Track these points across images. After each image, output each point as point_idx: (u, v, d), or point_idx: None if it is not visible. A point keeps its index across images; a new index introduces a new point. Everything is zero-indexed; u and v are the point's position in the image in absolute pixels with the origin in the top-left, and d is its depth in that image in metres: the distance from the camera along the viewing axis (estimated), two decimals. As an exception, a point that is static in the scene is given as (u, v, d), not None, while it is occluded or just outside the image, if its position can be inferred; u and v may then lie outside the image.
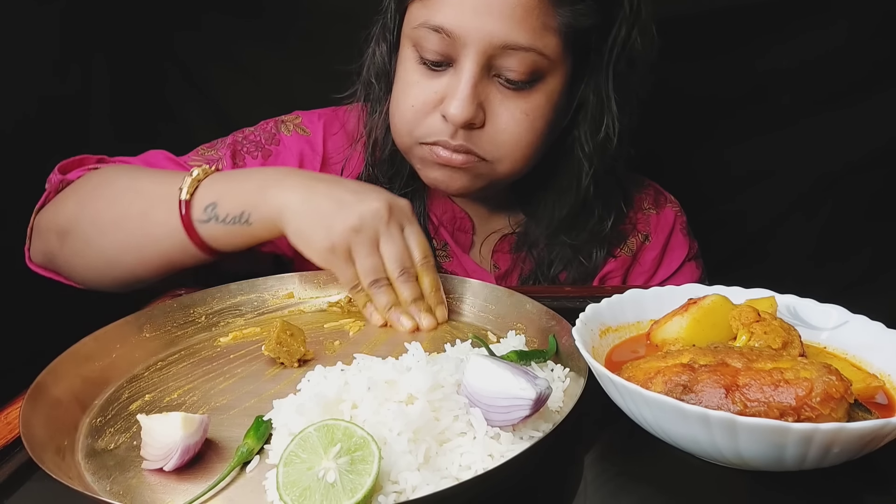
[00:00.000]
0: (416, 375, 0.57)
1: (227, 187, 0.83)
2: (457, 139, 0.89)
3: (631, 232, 1.10)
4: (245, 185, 0.83)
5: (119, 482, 0.55)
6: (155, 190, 0.86)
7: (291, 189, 0.81)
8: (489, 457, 0.53)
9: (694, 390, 0.55)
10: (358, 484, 0.48)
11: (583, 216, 1.02)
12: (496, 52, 0.84)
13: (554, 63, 0.88)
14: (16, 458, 0.59)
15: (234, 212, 0.82)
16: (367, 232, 0.78)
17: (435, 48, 0.87)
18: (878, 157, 1.43)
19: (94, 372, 0.68)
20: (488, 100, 0.88)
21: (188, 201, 0.83)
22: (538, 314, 0.76)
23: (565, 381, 0.64)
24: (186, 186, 0.83)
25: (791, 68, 1.37)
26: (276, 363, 0.72)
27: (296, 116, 1.09)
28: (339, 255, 0.78)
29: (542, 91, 0.89)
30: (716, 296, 0.69)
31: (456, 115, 0.86)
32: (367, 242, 0.78)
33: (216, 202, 0.82)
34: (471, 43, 0.84)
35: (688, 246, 1.14)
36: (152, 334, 0.76)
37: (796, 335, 0.63)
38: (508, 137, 0.90)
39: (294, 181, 0.82)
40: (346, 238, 0.77)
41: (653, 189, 1.16)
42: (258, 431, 0.58)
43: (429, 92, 0.89)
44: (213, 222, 0.83)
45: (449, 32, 0.84)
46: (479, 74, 0.86)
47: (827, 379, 0.52)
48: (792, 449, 0.50)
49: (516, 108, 0.89)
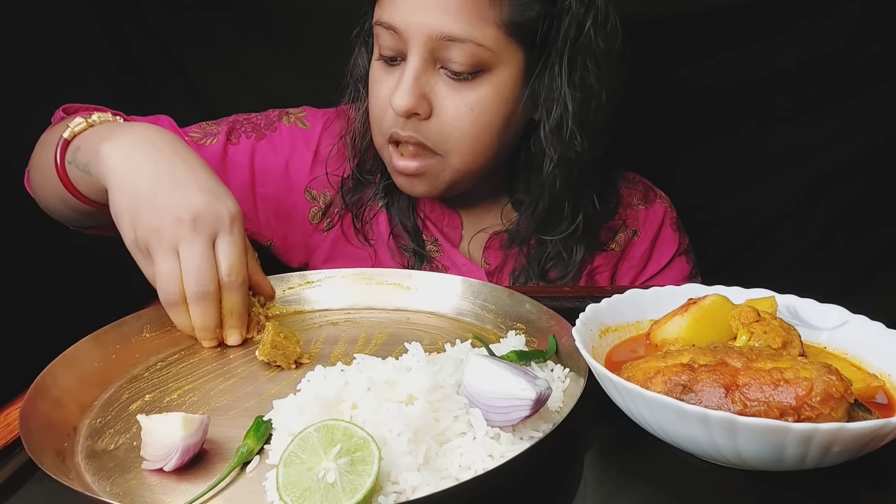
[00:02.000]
0: (416, 376, 0.57)
1: (95, 132, 0.83)
2: (406, 130, 0.92)
3: (620, 227, 1.10)
4: (101, 133, 0.80)
5: (119, 483, 0.55)
6: (56, 128, 0.88)
7: (122, 149, 0.75)
8: (489, 457, 0.53)
9: (694, 390, 0.55)
10: (358, 484, 0.48)
11: (555, 213, 1.02)
12: (437, 44, 0.88)
13: (498, 55, 0.89)
14: (15, 458, 0.59)
15: (84, 158, 0.81)
16: (166, 236, 0.71)
17: (388, 45, 0.91)
18: (878, 156, 1.43)
19: (93, 372, 0.68)
20: (433, 91, 0.91)
21: (68, 141, 0.84)
22: (538, 314, 0.76)
23: (565, 381, 0.64)
24: (73, 126, 0.84)
25: (790, 67, 1.37)
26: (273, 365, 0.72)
27: (301, 110, 1.11)
28: (141, 253, 0.73)
29: (487, 83, 0.91)
30: (716, 296, 0.69)
31: (397, 105, 0.89)
32: (164, 247, 0.71)
33: (80, 146, 0.83)
34: (412, 37, 0.88)
35: (677, 241, 1.14)
36: (152, 334, 0.76)
37: (796, 335, 0.63)
38: (453, 130, 0.92)
39: (130, 139, 0.76)
40: (146, 237, 0.71)
41: (642, 185, 1.16)
42: (258, 432, 0.58)
43: (385, 88, 0.94)
44: (73, 165, 0.83)
45: (396, 28, 0.89)
46: (423, 66, 0.89)
47: (827, 379, 0.52)
48: (792, 449, 0.50)
49: (461, 101, 0.91)
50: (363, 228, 1.08)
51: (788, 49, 1.35)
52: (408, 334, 0.78)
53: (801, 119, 1.41)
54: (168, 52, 1.47)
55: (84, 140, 0.83)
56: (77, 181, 0.84)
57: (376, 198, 1.08)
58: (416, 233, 1.08)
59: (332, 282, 0.87)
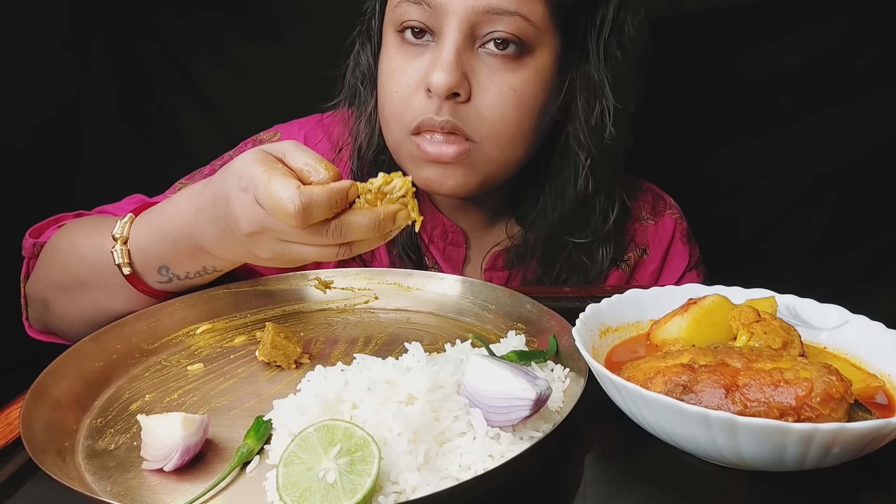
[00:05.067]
0: (416, 376, 0.57)
1: (164, 248, 0.76)
2: (442, 114, 0.85)
3: (629, 245, 1.08)
4: (182, 247, 0.75)
5: (119, 483, 0.55)
6: (92, 254, 0.80)
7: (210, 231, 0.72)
8: (489, 457, 0.54)
9: (694, 390, 0.55)
10: (358, 484, 0.48)
11: (585, 212, 0.99)
12: (479, 17, 0.83)
13: (541, 34, 0.86)
14: (16, 458, 0.59)
15: (193, 268, 0.78)
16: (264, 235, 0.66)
17: (418, 19, 0.85)
18: (878, 156, 1.43)
19: (94, 372, 0.68)
20: (474, 72, 0.85)
21: (132, 272, 0.77)
22: (538, 314, 0.76)
23: (565, 381, 0.64)
24: (120, 258, 0.76)
25: (789, 68, 1.37)
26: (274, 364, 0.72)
27: (274, 133, 1.05)
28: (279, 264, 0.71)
29: (530, 66, 0.87)
30: (716, 296, 0.69)
31: (439, 84, 0.82)
32: (270, 239, 0.67)
33: (167, 266, 0.77)
34: (453, 10, 0.83)
35: (688, 255, 1.11)
36: (152, 335, 0.76)
37: (796, 335, 0.64)
38: (495, 112, 0.86)
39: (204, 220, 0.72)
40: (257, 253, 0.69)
41: (650, 194, 1.13)
42: (258, 432, 0.58)
43: (411, 73, 0.87)
44: (176, 280, 0.79)
45: (429, 2, 0.83)
46: (463, 43, 0.84)
47: (827, 379, 0.52)
48: (792, 449, 0.50)
49: (504, 83, 0.86)
50: (361, 256, 0.98)
51: (789, 51, 1.35)
52: (408, 334, 0.78)
53: (802, 120, 1.41)
54: (173, 55, 1.48)
55: (157, 258, 0.77)
56: (179, 286, 0.79)
57: None
58: (419, 257, 1.03)
59: (333, 282, 0.87)
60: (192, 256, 0.76)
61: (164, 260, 0.77)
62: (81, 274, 0.81)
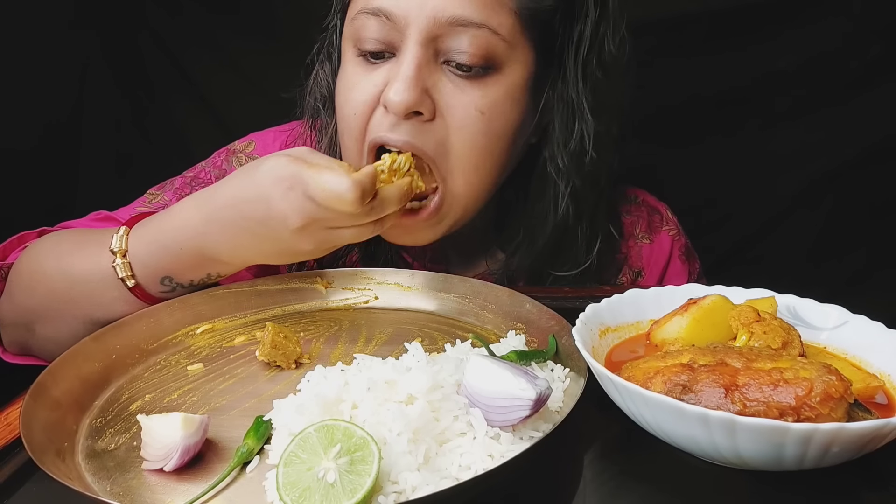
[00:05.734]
0: (415, 376, 0.57)
1: (167, 260, 0.75)
2: (399, 133, 0.78)
3: (622, 267, 1.01)
4: (186, 258, 0.75)
5: (119, 483, 0.55)
6: (82, 271, 0.78)
7: (227, 238, 0.73)
8: (489, 457, 0.54)
9: (693, 390, 0.55)
10: (358, 484, 0.48)
11: (566, 243, 0.92)
12: (442, 30, 0.76)
13: (512, 48, 0.79)
14: (16, 458, 0.59)
15: (198, 277, 0.77)
16: (310, 246, 0.71)
17: (375, 35, 0.78)
18: (877, 155, 1.43)
19: (94, 373, 0.68)
20: (437, 88, 0.78)
21: (137, 284, 0.76)
22: (538, 314, 0.76)
23: (565, 381, 0.64)
24: (123, 272, 0.75)
25: (788, 68, 1.37)
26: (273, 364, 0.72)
27: (248, 143, 1.01)
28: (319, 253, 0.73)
29: (500, 83, 0.80)
30: (716, 296, 0.69)
31: (396, 100, 0.76)
32: (327, 247, 0.71)
33: (170, 276, 0.76)
34: (413, 21, 0.76)
35: (686, 273, 1.05)
36: (152, 335, 0.76)
37: (796, 335, 0.63)
38: (460, 138, 0.79)
39: (219, 228, 0.73)
40: (322, 249, 0.72)
41: (645, 209, 1.06)
42: (258, 432, 0.58)
43: (369, 87, 0.80)
44: (180, 288, 0.78)
45: (388, 14, 0.77)
46: (424, 56, 0.77)
47: (826, 379, 0.52)
48: (791, 449, 0.50)
49: (470, 104, 0.79)
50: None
51: (787, 51, 1.35)
52: (408, 334, 0.78)
53: (801, 120, 1.41)
54: (169, 52, 1.48)
55: (159, 269, 0.76)
56: (183, 292, 0.79)
57: (351, 250, 0.95)
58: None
59: (333, 282, 0.87)
60: (197, 266, 0.76)
61: (168, 271, 0.76)
62: (74, 293, 0.78)
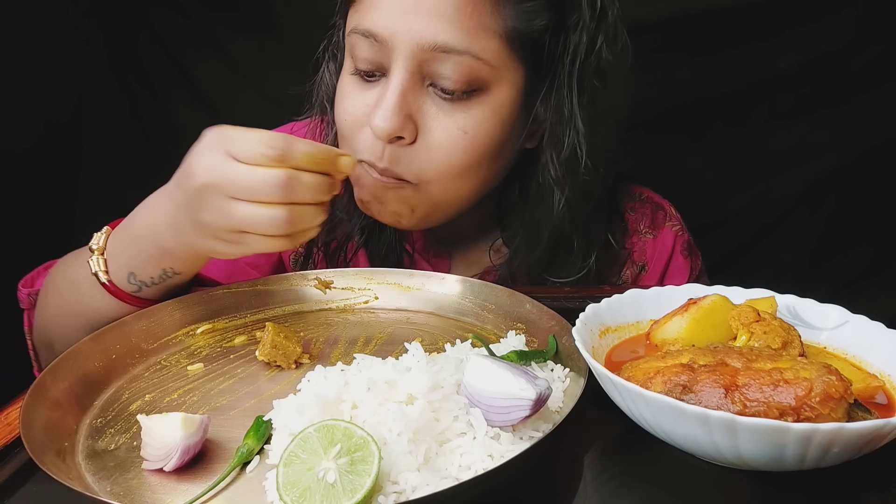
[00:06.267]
0: (415, 376, 0.57)
1: (131, 253, 0.77)
2: (383, 160, 0.81)
3: (626, 260, 1.03)
4: (144, 248, 0.76)
5: (119, 483, 0.55)
6: (79, 276, 0.80)
7: (168, 217, 0.73)
8: (489, 457, 0.53)
9: (693, 390, 0.55)
10: (358, 484, 0.48)
11: (562, 250, 0.93)
12: (427, 56, 0.77)
13: (498, 71, 0.80)
14: (16, 458, 0.59)
15: (156, 273, 0.77)
16: (220, 220, 0.67)
17: (366, 56, 0.81)
18: (877, 156, 1.43)
19: (94, 372, 0.68)
20: (421, 112, 0.80)
21: (110, 280, 0.77)
22: (538, 314, 0.76)
23: (565, 381, 0.64)
24: (97, 267, 0.77)
25: (790, 69, 1.37)
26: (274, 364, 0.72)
27: None
28: (230, 241, 0.70)
29: (484, 104, 0.81)
30: (716, 296, 0.69)
31: (379, 127, 0.78)
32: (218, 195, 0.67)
33: (133, 272, 0.77)
34: (399, 46, 0.77)
35: (688, 269, 1.06)
36: (152, 335, 0.76)
37: (796, 335, 0.64)
38: (441, 156, 0.81)
39: (164, 207, 0.74)
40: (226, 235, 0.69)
41: (650, 205, 1.07)
42: (258, 432, 0.58)
43: (360, 104, 0.83)
44: (144, 287, 0.78)
45: (377, 36, 0.78)
46: (410, 82, 0.79)
47: (827, 379, 0.52)
48: (792, 449, 0.50)
49: (452, 124, 0.80)
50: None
51: (789, 51, 1.35)
52: (408, 334, 0.78)
53: (802, 120, 1.41)
54: (170, 51, 1.48)
55: (125, 265, 0.77)
56: (151, 293, 0.79)
57: (352, 237, 0.97)
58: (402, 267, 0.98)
59: (333, 282, 0.87)
60: (152, 259, 0.76)
61: (131, 265, 0.77)
62: (72, 299, 0.80)
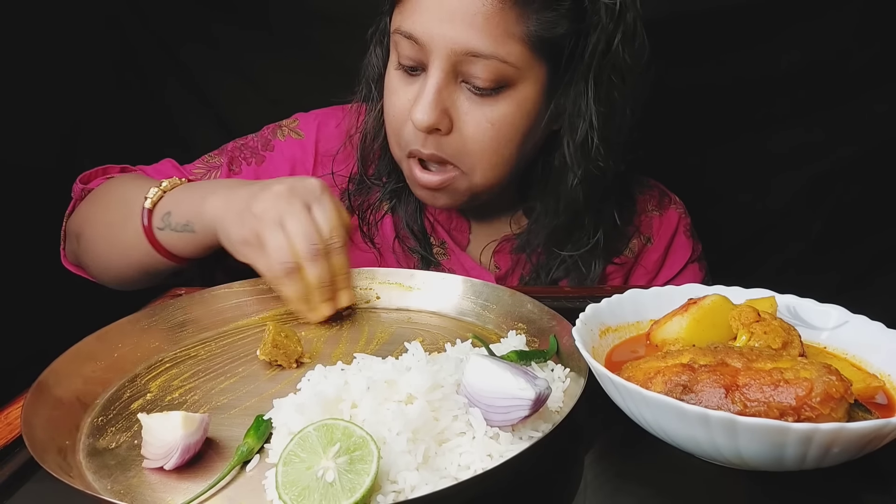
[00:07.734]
0: (415, 375, 0.57)
1: (181, 197, 0.88)
2: (427, 147, 0.91)
3: (633, 234, 1.10)
4: (193, 196, 0.86)
5: (120, 481, 0.55)
6: (135, 199, 0.90)
7: (219, 197, 0.82)
8: (488, 457, 0.54)
9: (694, 390, 0.55)
10: (357, 483, 0.48)
11: (575, 228, 1.01)
12: (460, 58, 0.86)
13: (522, 71, 0.88)
14: (17, 457, 0.59)
15: (182, 220, 0.86)
16: (269, 214, 0.76)
17: (408, 54, 0.90)
18: (877, 155, 1.43)
19: (95, 371, 0.68)
20: (455, 106, 0.90)
21: (150, 210, 0.88)
22: (538, 314, 0.76)
23: (565, 381, 0.64)
24: (151, 196, 0.88)
25: (790, 69, 1.37)
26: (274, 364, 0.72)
27: (293, 120, 1.11)
28: (251, 247, 0.77)
29: (510, 99, 0.89)
30: (716, 296, 0.69)
31: (418, 120, 0.88)
32: (270, 224, 0.76)
33: (171, 211, 0.87)
34: (436, 49, 0.86)
35: (691, 248, 1.13)
36: (154, 334, 0.76)
37: (796, 335, 0.63)
38: (474, 146, 0.91)
39: (225, 190, 0.83)
40: (252, 225, 0.76)
41: (657, 191, 1.15)
42: (258, 431, 0.58)
43: (404, 99, 0.92)
44: (168, 230, 0.87)
45: (417, 39, 0.87)
46: (445, 80, 0.88)
47: (827, 379, 0.52)
48: (792, 449, 0.50)
49: (482, 117, 0.89)
50: (369, 231, 1.07)
51: (788, 51, 1.35)
52: (409, 334, 0.79)
53: (801, 120, 1.41)
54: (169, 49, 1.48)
55: (169, 205, 0.88)
56: (171, 241, 0.88)
57: (383, 200, 1.07)
58: (424, 236, 1.07)
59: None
60: (190, 207, 0.85)
61: (172, 205, 0.87)
62: (116, 214, 0.92)
